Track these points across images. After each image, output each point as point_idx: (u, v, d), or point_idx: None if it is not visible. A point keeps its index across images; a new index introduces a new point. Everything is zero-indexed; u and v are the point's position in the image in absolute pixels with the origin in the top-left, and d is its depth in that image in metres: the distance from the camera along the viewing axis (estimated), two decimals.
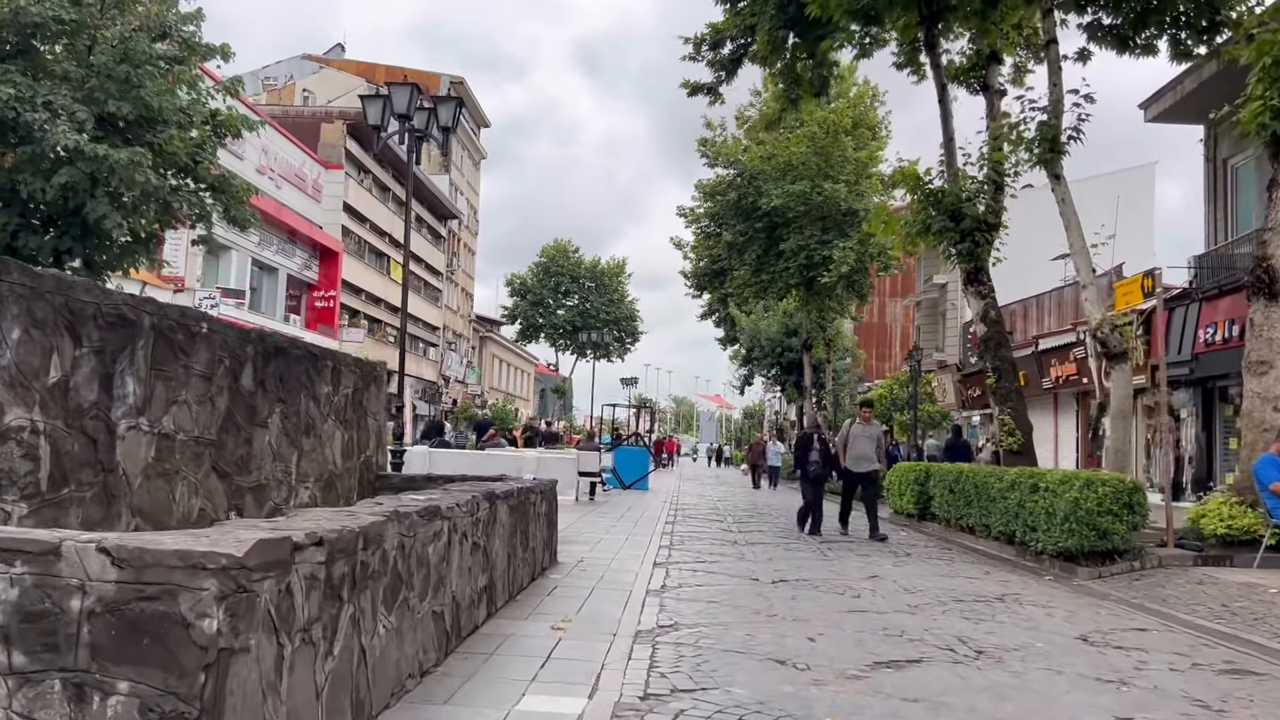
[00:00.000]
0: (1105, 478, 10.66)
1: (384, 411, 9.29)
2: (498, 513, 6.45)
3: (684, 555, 11.02)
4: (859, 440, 14.90)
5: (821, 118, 34.42)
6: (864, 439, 14.91)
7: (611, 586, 8.04)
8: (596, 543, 11.49)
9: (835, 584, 9.06)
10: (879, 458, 15.04)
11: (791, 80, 18.67)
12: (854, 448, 14.86)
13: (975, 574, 10.56)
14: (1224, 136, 22.71)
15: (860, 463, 14.82)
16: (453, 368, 59.79)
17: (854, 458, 14.83)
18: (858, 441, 14.88)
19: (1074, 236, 14.74)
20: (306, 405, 7.52)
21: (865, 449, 14.85)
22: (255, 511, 6.69)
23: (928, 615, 7.54)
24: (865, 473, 14.92)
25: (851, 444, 14.91)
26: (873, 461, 14.85)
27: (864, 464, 14.82)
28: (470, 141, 66.04)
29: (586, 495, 20.01)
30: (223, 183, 18.26)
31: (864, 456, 14.83)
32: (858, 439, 14.91)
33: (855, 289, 36.38)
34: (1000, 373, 16.87)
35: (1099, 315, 14.32)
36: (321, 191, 41.98)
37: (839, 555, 11.87)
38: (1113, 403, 14.31)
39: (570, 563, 9.37)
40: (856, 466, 14.85)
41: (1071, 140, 14.74)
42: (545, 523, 8.68)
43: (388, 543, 4.09)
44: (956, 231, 16.76)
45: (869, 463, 14.84)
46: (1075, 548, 10.54)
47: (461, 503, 5.44)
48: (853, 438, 14.96)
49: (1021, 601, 8.51)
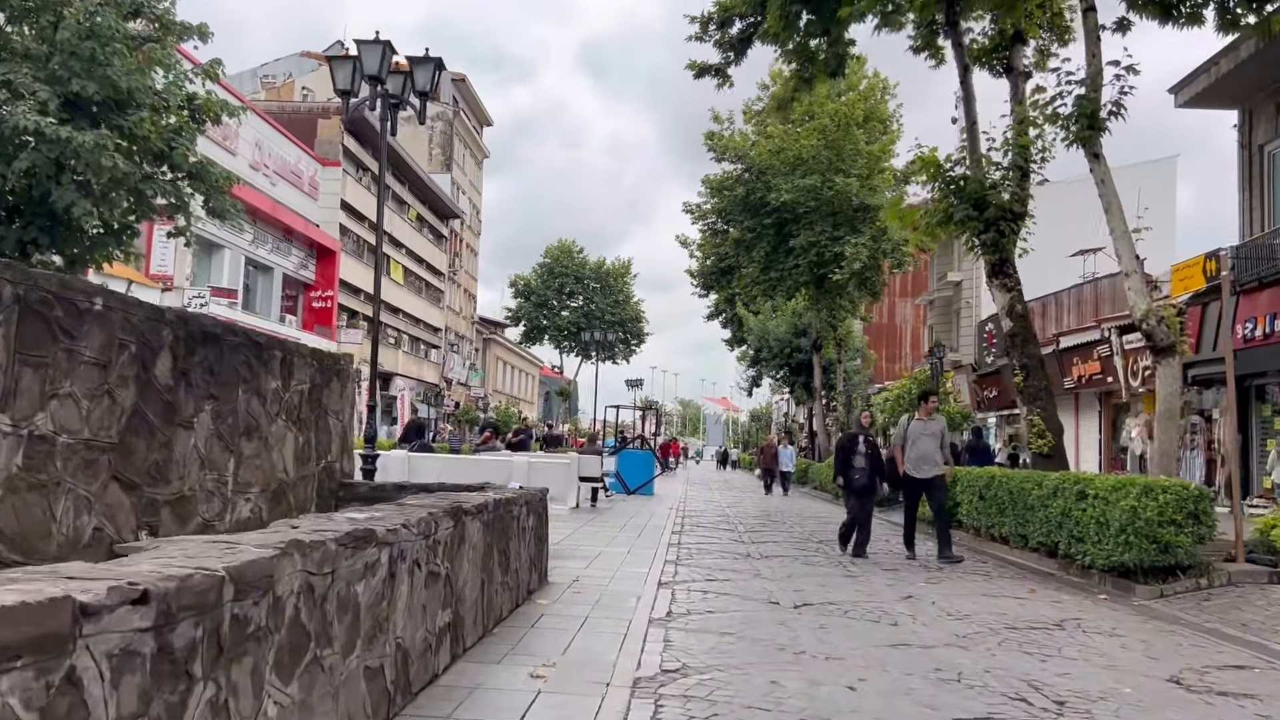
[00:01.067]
0: (1166, 484, 9.47)
1: (350, 410, 8.14)
2: (466, 532, 5.29)
3: (692, 572, 9.84)
4: (920, 439, 12.53)
5: (833, 110, 33.39)
6: (926, 438, 12.55)
7: (608, 614, 6.87)
8: (595, 557, 10.31)
9: (867, 608, 7.87)
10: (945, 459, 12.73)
11: (805, 59, 17.51)
12: (914, 448, 12.51)
13: (1020, 592, 9.38)
14: (1261, 121, 21.55)
15: (922, 466, 12.45)
16: (455, 370, 58.66)
17: (915, 460, 12.46)
18: (919, 441, 12.52)
19: (1115, 220, 13.56)
20: (247, 402, 6.37)
21: (928, 449, 12.50)
22: (175, 529, 5.54)
23: (983, 649, 6.37)
24: (929, 478, 12.51)
25: (911, 444, 12.55)
26: (937, 464, 12.48)
27: (927, 468, 12.46)
28: (472, 140, 64.96)
29: (588, 501, 18.87)
30: (201, 170, 17.25)
31: (926, 458, 12.49)
32: (918, 438, 12.57)
33: (867, 286, 35.27)
34: (1028, 370, 15.83)
35: (1144, 306, 13.12)
36: (318, 189, 40.95)
37: (865, 571, 10.68)
38: (1159, 402, 13.10)
39: (563, 583, 8.20)
40: (918, 471, 12.46)
41: (1113, 116, 13.56)
42: (532, 538, 7.52)
43: (282, 586, 2.93)
44: (980, 221, 15.75)
45: (933, 466, 12.48)
46: (1132, 562, 9.36)
47: (413, 522, 4.28)
48: (912, 437, 12.61)
49: (1084, 629, 7.32)
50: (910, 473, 12.48)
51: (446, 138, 59.87)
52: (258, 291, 37.54)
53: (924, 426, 12.64)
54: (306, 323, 40.00)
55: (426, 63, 10.25)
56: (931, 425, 12.69)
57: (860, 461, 12.74)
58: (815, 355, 40.36)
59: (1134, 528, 9.25)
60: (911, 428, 12.72)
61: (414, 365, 51.25)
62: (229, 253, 34.20)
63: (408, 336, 51.62)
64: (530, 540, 7.40)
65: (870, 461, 12.77)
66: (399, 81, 9.96)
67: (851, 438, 13.38)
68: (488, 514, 5.80)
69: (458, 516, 5.08)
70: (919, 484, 12.59)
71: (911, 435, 12.60)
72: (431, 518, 4.57)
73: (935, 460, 12.46)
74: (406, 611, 4.24)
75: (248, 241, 35.28)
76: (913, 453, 12.45)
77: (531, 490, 7.71)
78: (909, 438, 12.59)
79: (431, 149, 59.29)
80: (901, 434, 12.83)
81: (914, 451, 12.45)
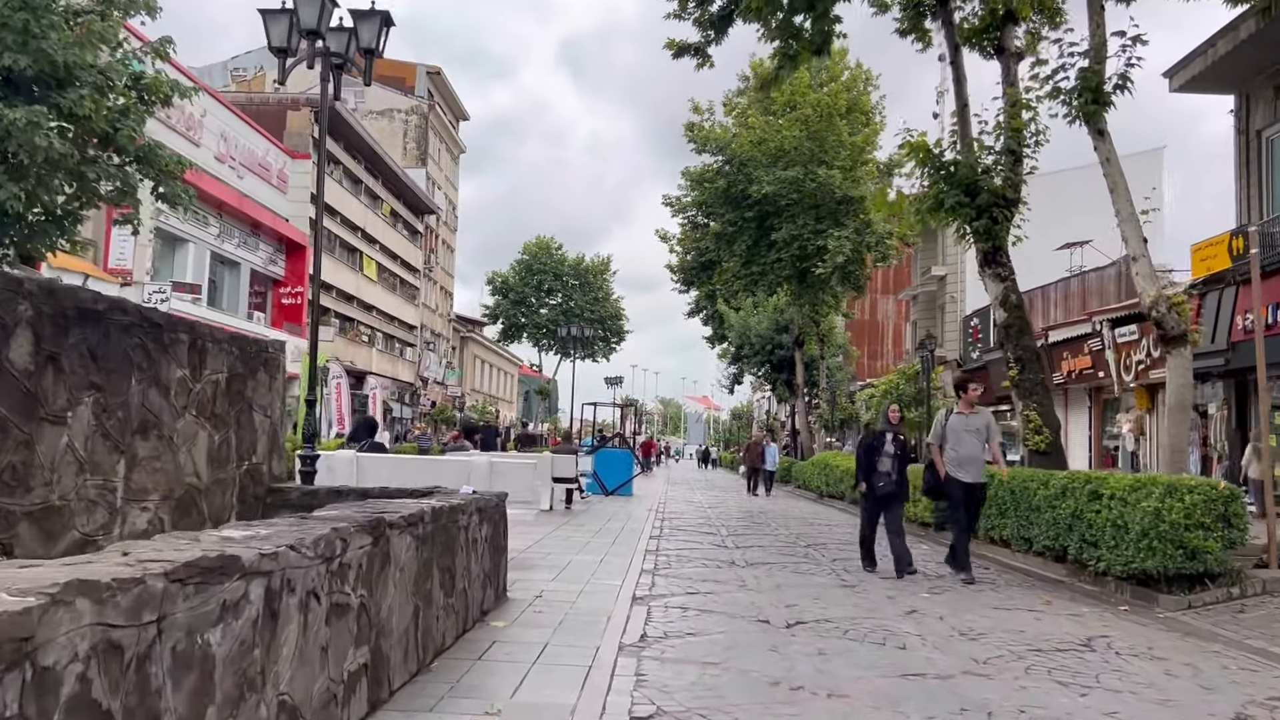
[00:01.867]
0: (1192, 483, 8.61)
1: (281, 405, 7.15)
2: (392, 549, 4.32)
3: (671, 584, 8.87)
4: (963, 437, 10.32)
5: (815, 99, 32.65)
6: (970, 435, 10.32)
7: (572, 639, 5.92)
8: (564, 567, 9.34)
9: (868, 626, 6.95)
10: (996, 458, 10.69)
11: (789, 36, 16.60)
12: (957, 447, 10.33)
13: (1033, 604, 8.50)
14: (1259, 106, 20.83)
15: (968, 468, 10.26)
16: (431, 368, 57.48)
17: (959, 462, 10.28)
18: (961, 439, 10.32)
19: (1121, 202, 12.73)
20: (143, 394, 5.38)
21: (973, 449, 10.30)
22: (41, 547, 4.56)
23: (1009, 678, 5.46)
24: (976, 484, 10.37)
25: (953, 442, 10.37)
26: (982, 465, 10.41)
27: (973, 470, 10.28)
28: (448, 134, 63.78)
29: (562, 503, 17.89)
30: (149, 154, 16.22)
31: (972, 460, 10.29)
32: (960, 435, 10.34)
33: (851, 280, 34.51)
34: (1023, 363, 15.13)
35: (1154, 292, 12.32)
36: (287, 182, 39.75)
37: (861, 581, 9.76)
38: (1169, 394, 12.27)
39: (524, 599, 7.24)
40: (964, 474, 10.23)
41: (1118, 90, 12.74)
42: (486, 550, 6.55)
43: (53, 652, 1.96)
44: (972, 207, 15.07)
45: (979, 468, 10.35)
46: (1156, 570, 8.50)
47: (307, 543, 3.31)
48: (952, 433, 10.39)
49: (1117, 649, 6.43)
50: (954, 475, 10.29)
51: (421, 132, 58.69)
52: (224, 287, 36.34)
53: (965, 421, 10.43)
54: (275, 320, 38.86)
55: (372, 17, 9.25)
56: (975, 420, 10.49)
57: (887, 464, 10.61)
58: (797, 352, 39.61)
59: (1157, 531, 8.40)
60: (951, 423, 10.53)
61: (389, 364, 50.07)
62: (193, 247, 33.01)
63: (382, 334, 50.45)
64: (484, 553, 6.44)
65: (899, 464, 10.66)
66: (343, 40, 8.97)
67: (877, 436, 11.03)
68: (424, 526, 4.84)
69: (378, 532, 4.11)
70: (966, 490, 10.31)
71: (952, 432, 10.46)
72: (337, 535, 3.60)
73: (981, 461, 10.41)
74: (297, 658, 3.27)
75: (213, 235, 34.16)
76: (955, 453, 10.37)
77: (486, 495, 6.74)
78: (949, 435, 10.48)
79: (406, 143, 58.13)
80: (940, 431, 10.62)
81: (957, 451, 10.36)
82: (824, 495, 26.99)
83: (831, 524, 17.91)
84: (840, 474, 24.96)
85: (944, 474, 10.34)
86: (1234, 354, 19.78)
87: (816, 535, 15.20)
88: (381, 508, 4.70)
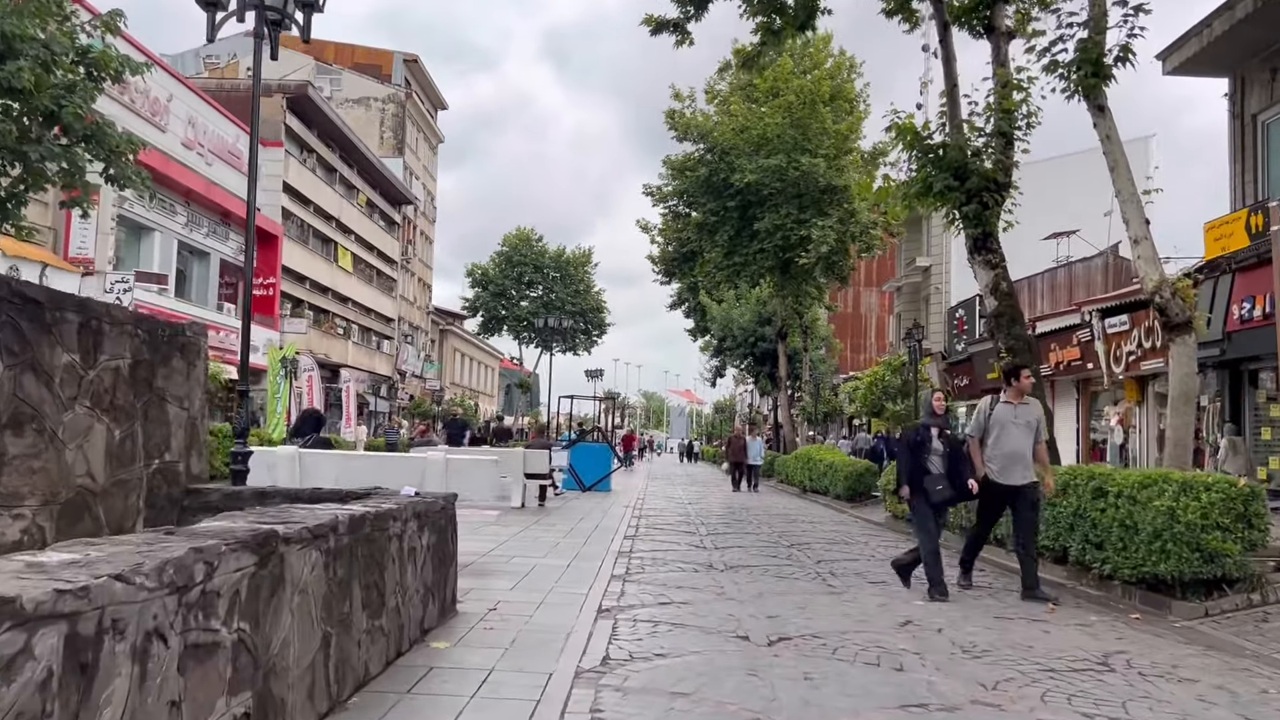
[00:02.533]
0: (1208, 480, 7.92)
1: (201, 395, 6.35)
2: (288, 569, 3.55)
3: (643, 592, 8.11)
4: (1010, 430, 8.88)
5: (798, 86, 32.01)
6: (1017, 428, 8.89)
7: (523, 663, 5.16)
8: (527, 572, 8.57)
9: (860, 642, 6.21)
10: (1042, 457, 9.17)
11: (772, 10, 15.86)
12: (1003, 441, 8.87)
13: (1037, 612, 7.80)
14: (1254, 89, 20.25)
15: (1012, 469, 8.82)
16: (409, 362, 56.51)
17: (1003, 459, 8.85)
18: (1006, 433, 8.88)
19: (1121, 181, 12.07)
20: (14, 381, 4.59)
21: (1019, 445, 8.85)
22: None
23: (1024, 709, 4.74)
24: (1021, 486, 8.84)
25: (997, 436, 8.91)
26: (1030, 465, 8.94)
27: (1019, 471, 8.82)
28: (426, 123, 62.72)
29: (536, 500, 17.12)
30: (97, 133, 15.39)
31: (1018, 458, 8.85)
32: (1007, 429, 8.89)
33: (835, 271, 33.90)
34: (1016, 353, 14.56)
35: (1157, 276, 11.65)
36: (259, 170, 38.75)
37: (848, 586, 9.03)
38: (1173, 384, 11.62)
39: (476, 613, 6.47)
40: (1008, 475, 8.82)
41: (1119, 63, 12.08)
42: (429, 560, 5.78)
43: None
44: (962, 192, 14.55)
45: (1026, 469, 8.86)
46: (1169, 574, 7.82)
47: (149, 570, 2.54)
48: (997, 425, 8.93)
49: (1137, 667, 5.74)
50: (995, 478, 8.86)
51: (398, 120, 57.64)
52: (193, 278, 35.34)
53: (1013, 413, 8.98)
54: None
55: None
56: (1024, 412, 9.04)
57: (938, 464, 8.79)
58: (780, 344, 38.99)
59: (1171, 533, 7.72)
60: (997, 413, 9.02)
61: (365, 357, 49.11)
62: (160, 236, 32.04)
63: (358, 327, 49.48)
64: (425, 564, 5.67)
65: (950, 464, 8.86)
66: None
67: (921, 430, 9.21)
68: (337, 538, 4.06)
69: (267, 549, 3.34)
70: (1006, 493, 8.91)
71: (997, 424, 8.95)
72: (198, 558, 2.83)
73: (1028, 459, 8.91)
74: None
75: (181, 224, 33.20)
76: (1000, 448, 8.88)
77: (429, 497, 5.97)
78: (992, 427, 8.98)
79: (383, 132, 57.09)
80: (981, 422, 9.12)
81: (1002, 446, 8.87)
82: (807, 490, 26.33)
83: (815, 521, 17.23)
84: (824, 469, 24.30)
85: (982, 473, 8.92)
86: (1229, 344, 19.19)
87: (800, 534, 14.50)
88: (284, 516, 3.93)
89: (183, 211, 33.07)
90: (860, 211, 31.97)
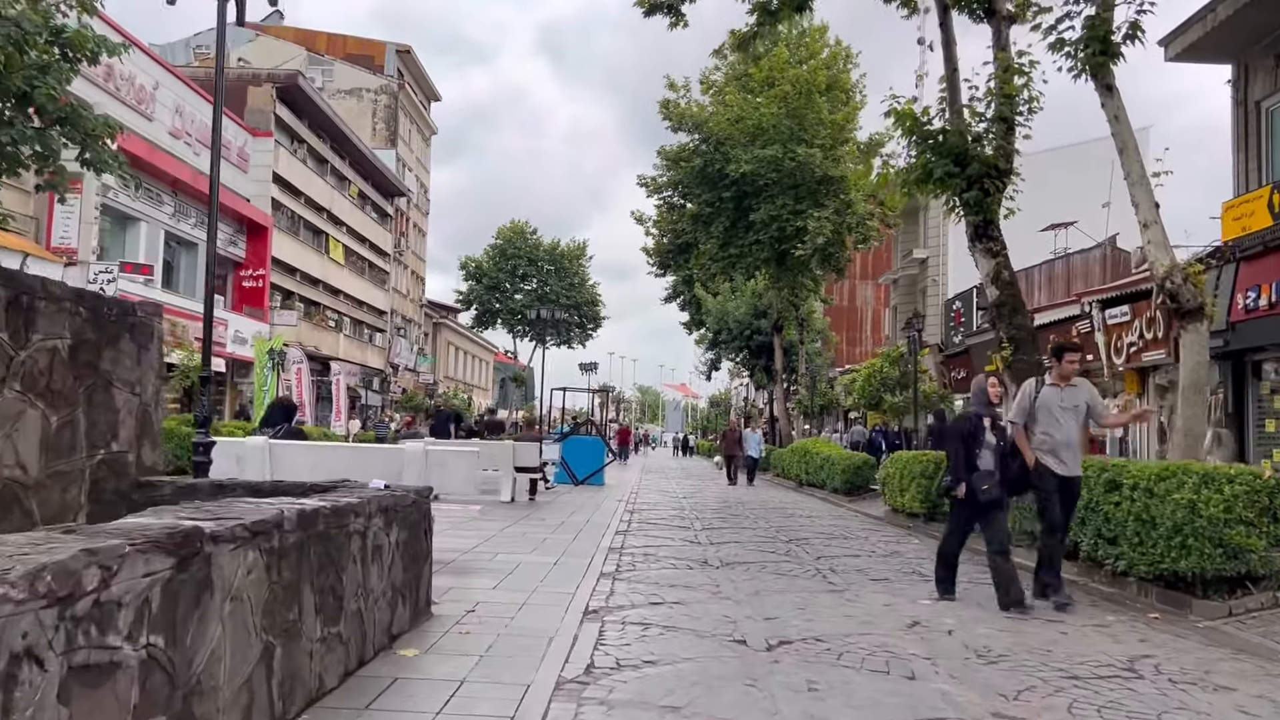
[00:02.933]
0: (1231, 473, 7.50)
1: (155, 380, 5.89)
2: (216, 573, 3.10)
3: (633, 591, 7.67)
4: (1058, 416, 8.02)
5: (794, 76, 31.56)
6: (1067, 414, 8.02)
7: (499, 672, 4.71)
8: (511, 571, 8.12)
9: (866, 646, 5.78)
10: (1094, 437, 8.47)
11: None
12: (1051, 429, 8.01)
13: (1051, 612, 7.36)
14: (1258, 76, 19.83)
15: (1064, 456, 7.96)
16: (402, 355, 55.99)
17: (1052, 448, 7.98)
18: (1056, 419, 8.01)
19: (1130, 163, 11.63)
20: None
21: (1071, 432, 8.01)
22: None
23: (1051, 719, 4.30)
24: (1074, 477, 8.05)
25: (1044, 423, 8.04)
26: (1080, 453, 8.23)
27: (1070, 458, 7.98)
28: (419, 115, 62.13)
29: (526, 494, 16.67)
30: (72, 115, 14.89)
31: (1069, 445, 8.00)
32: (1054, 414, 8.02)
33: (831, 262, 33.44)
34: (1018, 343, 14.25)
35: (1167, 261, 11.22)
36: (248, 160, 38.19)
37: (851, 583, 8.60)
38: (1184, 374, 11.19)
39: (453, 614, 6.03)
40: (1063, 465, 7.95)
41: (1128, 40, 11.66)
42: (399, 560, 5.33)
43: None
44: (962, 178, 14.23)
45: (1076, 456, 8.09)
46: (1190, 571, 7.40)
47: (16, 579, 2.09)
48: (1044, 411, 8.05)
49: (1167, 674, 5.32)
50: (1051, 467, 7.93)
51: (391, 112, 57.06)
52: (180, 269, 34.78)
53: (1059, 396, 8.07)
54: (236, 303, 37.35)
55: None
56: (1072, 394, 8.12)
57: (989, 459, 7.91)
58: (776, 337, 38.56)
59: (1193, 527, 7.30)
60: (1043, 396, 8.11)
61: (357, 350, 48.59)
62: (146, 226, 31.50)
63: (349, 319, 48.95)
64: (394, 563, 5.22)
65: (1001, 459, 7.96)
66: None
67: (974, 420, 8.14)
68: (282, 536, 3.61)
69: (189, 549, 2.89)
70: (1062, 484, 7.95)
71: (1044, 409, 8.06)
72: (90, 561, 2.38)
73: (1080, 448, 8.16)
74: None
75: (168, 215, 32.65)
76: (1052, 437, 8.00)
77: (400, 491, 5.51)
78: (1038, 413, 8.09)
79: (375, 123, 56.51)
80: (1027, 406, 8.15)
81: (1055, 434, 8.00)
82: (803, 484, 25.92)
83: (813, 515, 16.81)
84: (821, 461, 23.90)
85: (1032, 461, 8.00)
86: (1233, 334, 18.80)
87: (798, 529, 14.08)
88: (222, 511, 3.47)
89: (170, 201, 32.53)
90: (857, 202, 31.53)
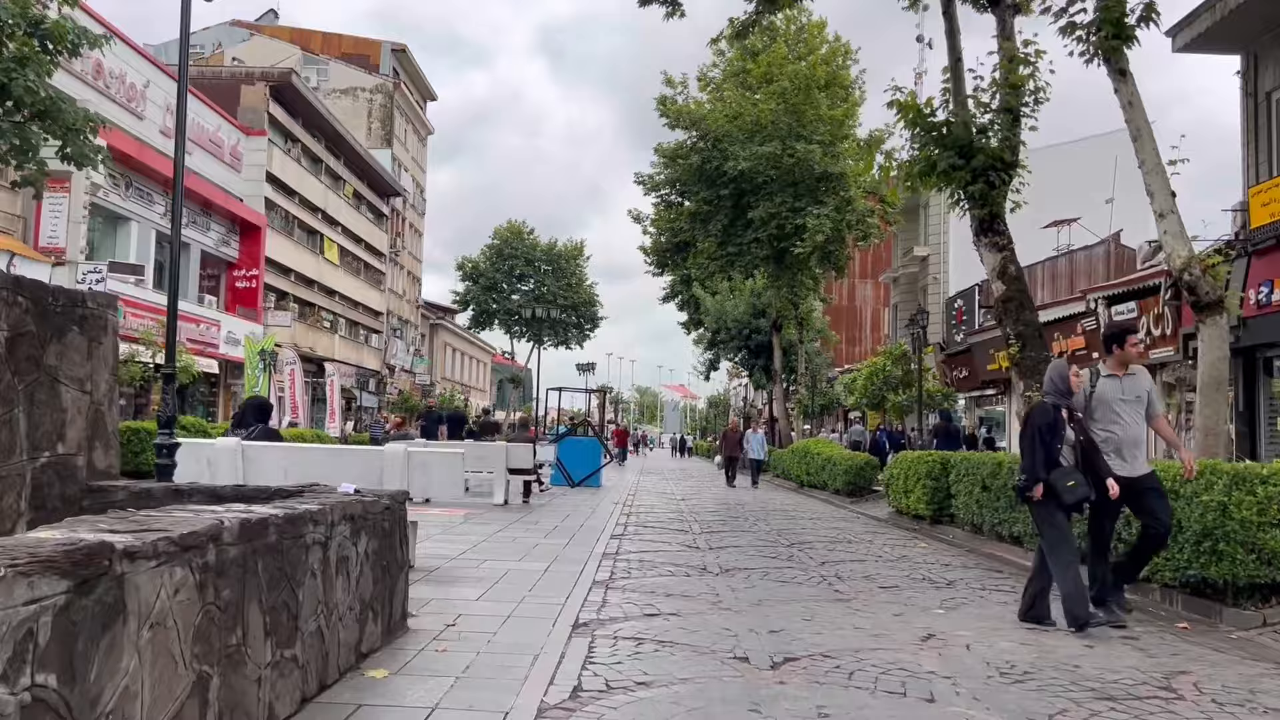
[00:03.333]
0: (1263, 473, 7.06)
1: (108, 377, 5.44)
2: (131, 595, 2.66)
3: (627, 601, 7.20)
4: (1118, 410, 7.11)
5: (793, 71, 31.14)
6: (1127, 406, 7.11)
7: (475, 697, 4.26)
8: (497, 579, 7.67)
9: (879, 663, 5.33)
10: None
11: None
12: (1110, 425, 7.09)
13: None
14: (1268, 66, 19.42)
15: (1128, 455, 7.02)
16: (398, 356, 55.53)
17: (1114, 446, 7.02)
18: (1116, 413, 7.11)
19: (1145, 150, 11.19)
20: None
21: (1133, 428, 7.11)
22: None
23: None
24: (1140, 476, 6.99)
25: (1103, 418, 7.12)
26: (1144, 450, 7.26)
27: (1134, 456, 7.04)
28: (415, 114, 61.69)
29: (520, 497, 16.23)
30: (51, 108, 14.49)
31: (1134, 442, 7.08)
32: (1114, 408, 7.12)
33: (831, 260, 33.04)
34: (1025, 340, 13.81)
35: (1184, 253, 10.79)
36: (241, 160, 37.76)
37: (856, 589, 8.15)
38: (1202, 369, 10.76)
39: (431, 629, 5.58)
40: (1127, 465, 6.98)
41: (1142, 23, 11.24)
42: (369, 572, 4.88)
43: None
44: (967, 171, 13.82)
45: (1140, 454, 7.14)
46: (1221, 578, 6.96)
47: None
48: (1101, 405, 7.16)
49: (1208, 693, 4.88)
50: (1120, 470, 6.92)
51: (386, 111, 56.61)
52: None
53: (1119, 387, 7.16)
54: (229, 304, 36.91)
55: None
56: (1131, 385, 7.19)
57: (1069, 456, 6.90)
58: (775, 336, 38.13)
59: (1224, 531, 6.86)
60: (1101, 389, 7.22)
61: (352, 351, 48.14)
62: (136, 226, 31.06)
63: (345, 320, 48.49)
64: (363, 575, 4.77)
65: (1084, 452, 6.93)
66: None
67: (1054, 412, 7.00)
68: (219, 550, 3.17)
69: (92, 569, 2.44)
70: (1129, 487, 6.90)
71: (1102, 403, 7.17)
72: None
73: (1144, 444, 7.25)
74: None
75: (159, 214, 32.18)
76: (1105, 434, 7.05)
77: (371, 496, 5.06)
78: (1096, 407, 7.18)
79: (370, 123, 56.08)
80: (1082, 402, 7.20)
81: (1110, 432, 7.06)
82: (804, 485, 25.46)
83: (816, 518, 16.36)
84: (822, 462, 23.46)
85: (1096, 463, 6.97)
86: (1245, 330, 18.40)
87: (800, 532, 13.63)
88: (149, 522, 3.02)
89: (161, 201, 32.06)
90: (857, 199, 31.09)
